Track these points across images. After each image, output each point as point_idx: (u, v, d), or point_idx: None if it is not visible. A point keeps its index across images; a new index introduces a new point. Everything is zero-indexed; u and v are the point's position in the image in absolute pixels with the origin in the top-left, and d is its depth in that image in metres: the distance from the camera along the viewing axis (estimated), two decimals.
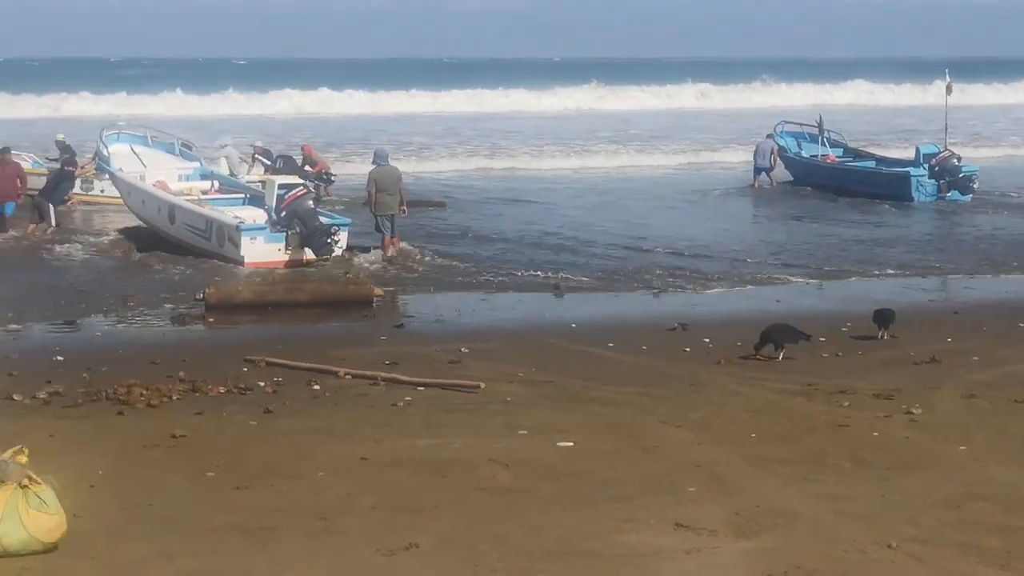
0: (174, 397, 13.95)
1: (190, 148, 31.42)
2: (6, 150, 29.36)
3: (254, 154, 34.66)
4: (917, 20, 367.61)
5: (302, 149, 35.31)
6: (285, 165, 33.03)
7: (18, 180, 28.71)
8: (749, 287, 22.79)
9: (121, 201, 29.72)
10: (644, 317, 20.00)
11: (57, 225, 28.28)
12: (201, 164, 30.34)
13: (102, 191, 32.26)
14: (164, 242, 26.27)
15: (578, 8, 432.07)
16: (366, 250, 25.43)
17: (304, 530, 9.46)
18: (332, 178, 34.96)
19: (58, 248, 26.25)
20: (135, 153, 29.33)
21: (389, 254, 25.10)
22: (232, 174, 31.97)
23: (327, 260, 24.66)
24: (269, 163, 33.74)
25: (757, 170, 39.66)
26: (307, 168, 33.49)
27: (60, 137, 34.07)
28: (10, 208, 28.43)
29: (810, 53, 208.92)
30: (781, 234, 30.02)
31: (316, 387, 14.60)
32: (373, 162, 26.22)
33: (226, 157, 34.43)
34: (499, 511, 10.04)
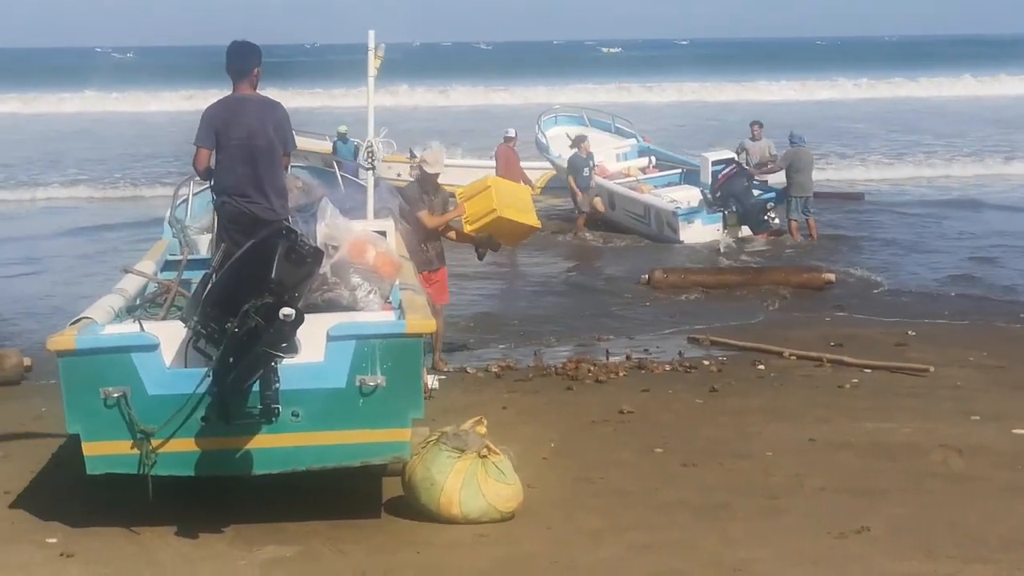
0: (621, 374, 14.19)
1: (626, 126, 31.01)
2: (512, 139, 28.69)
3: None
4: None
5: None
6: None
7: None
8: None
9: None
10: None
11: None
12: (638, 140, 30.29)
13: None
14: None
15: None
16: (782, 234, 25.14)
17: (753, 509, 9.44)
18: None
19: None
20: (569, 137, 29.60)
21: (811, 237, 24.69)
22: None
23: (765, 237, 24.64)
24: None
25: None
26: None
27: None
28: None
29: None
30: None
31: (761, 367, 14.55)
32: (791, 143, 25.73)
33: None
34: (953, 498, 9.73)
